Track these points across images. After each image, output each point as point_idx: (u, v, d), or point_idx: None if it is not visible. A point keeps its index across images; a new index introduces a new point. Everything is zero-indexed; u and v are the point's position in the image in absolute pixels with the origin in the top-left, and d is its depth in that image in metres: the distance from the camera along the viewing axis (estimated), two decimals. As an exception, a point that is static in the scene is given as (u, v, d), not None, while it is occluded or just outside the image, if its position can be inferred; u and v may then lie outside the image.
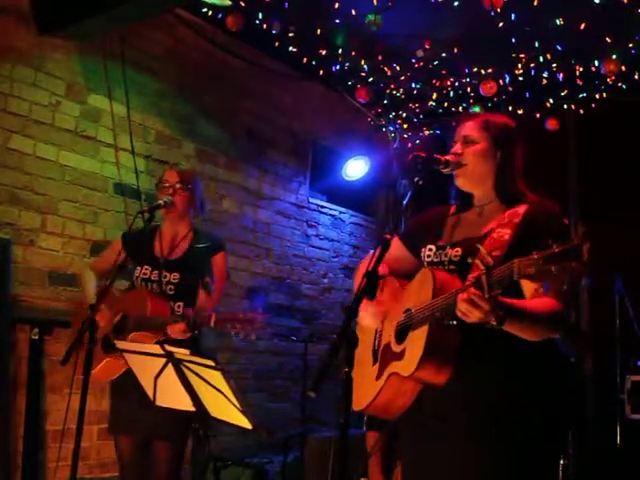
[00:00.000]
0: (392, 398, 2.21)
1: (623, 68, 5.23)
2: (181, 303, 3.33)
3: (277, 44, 5.44)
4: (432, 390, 2.13)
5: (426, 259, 2.30)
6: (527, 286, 2.07)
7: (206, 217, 3.72)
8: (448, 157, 2.26)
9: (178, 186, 3.44)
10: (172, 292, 3.35)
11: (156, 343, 2.80)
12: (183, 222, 3.51)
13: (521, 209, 2.18)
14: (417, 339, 2.08)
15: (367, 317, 2.32)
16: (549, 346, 2.18)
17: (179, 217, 3.49)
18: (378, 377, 2.24)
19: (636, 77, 5.44)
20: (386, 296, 2.35)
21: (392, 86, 6.17)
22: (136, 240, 3.52)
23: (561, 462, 4.16)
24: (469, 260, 2.13)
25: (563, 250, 1.70)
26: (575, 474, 4.34)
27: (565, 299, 2.08)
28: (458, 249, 2.21)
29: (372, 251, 2.50)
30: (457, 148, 2.28)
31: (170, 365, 2.65)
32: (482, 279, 1.87)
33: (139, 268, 3.43)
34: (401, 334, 2.21)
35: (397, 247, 2.43)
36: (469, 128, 2.30)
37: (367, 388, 2.26)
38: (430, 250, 2.30)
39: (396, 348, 2.20)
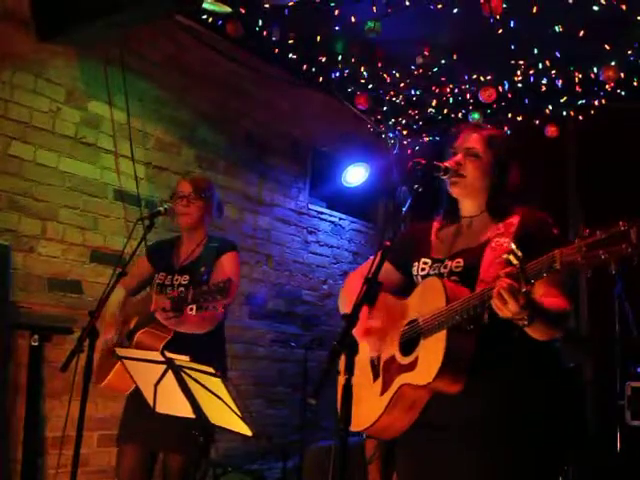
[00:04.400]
0: (398, 415, 2.18)
1: (622, 75, 5.25)
2: (193, 306, 3.33)
3: (277, 51, 5.46)
4: (434, 399, 2.13)
5: (420, 272, 2.31)
6: (537, 286, 2.05)
7: (215, 224, 3.72)
8: (448, 164, 2.27)
9: (192, 196, 3.46)
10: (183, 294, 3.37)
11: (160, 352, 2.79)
12: (200, 230, 3.54)
13: (514, 220, 2.22)
14: (433, 346, 2.06)
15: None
16: (552, 350, 2.20)
17: (195, 225, 3.51)
18: (383, 392, 2.20)
19: (635, 84, 5.45)
20: (379, 311, 2.29)
21: (392, 93, 6.18)
22: (159, 252, 3.60)
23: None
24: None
25: (609, 235, 1.71)
26: (575, 480, 4.34)
27: (570, 298, 2.12)
28: (459, 260, 2.22)
29: (359, 267, 2.51)
30: (459, 158, 2.29)
31: (170, 372, 2.66)
32: (517, 272, 1.88)
33: (156, 275, 3.49)
34: (406, 346, 2.19)
35: None
36: (474, 141, 2.30)
37: (369, 406, 2.22)
38: (425, 263, 2.31)
39: (403, 360, 2.17)
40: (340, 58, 5.60)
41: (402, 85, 5.99)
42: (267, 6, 4.79)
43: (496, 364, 2.10)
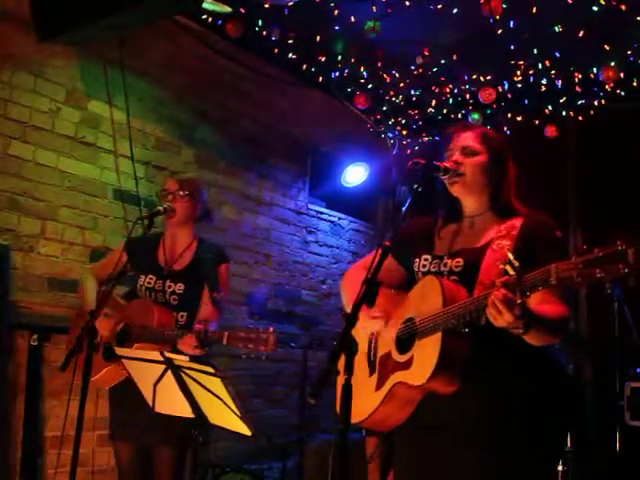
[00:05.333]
0: (393, 409, 2.19)
1: (621, 75, 5.25)
2: (184, 313, 3.33)
3: (277, 51, 5.45)
4: (430, 399, 2.13)
5: (421, 269, 2.31)
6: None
7: (213, 225, 3.69)
8: (447, 164, 2.28)
9: (177, 194, 3.44)
10: (176, 302, 3.35)
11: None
12: (186, 230, 3.50)
13: (517, 222, 2.21)
14: (428, 347, 2.07)
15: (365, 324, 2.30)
16: (549, 354, 2.20)
17: (181, 225, 3.48)
18: (378, 388, 2.22)
19: (635, 84, 5.45)
20: (379, 305, 2.32)
21: (391, 93, 6.18)
22: (139, 247, 3.52)
23: (560, 468, 4.16)
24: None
25: (606, 254, 1.70)
26: (574, 480, 4.34)
27: (569, 304, 2.11)
28: (459, 259, 2.22)
29: (360, 260, 2.53)
30: (457, 157, 2.30)
31: (169, 372, 2.66)
32: (513, 283, 1.87)
33: (143, 277, 3.43)
34: (402, 343, 2.19)
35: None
36: (469, 139, 2.32)
37: (365, 399, 2.23)
38: (426, 260, 2.32)
39: (399, 358, 2.18)
40: (340, 58, 5.59)
41: (402, 85, 5.99)
42: (267, 6, 4.79)
43: (491, 367, 2.10)
